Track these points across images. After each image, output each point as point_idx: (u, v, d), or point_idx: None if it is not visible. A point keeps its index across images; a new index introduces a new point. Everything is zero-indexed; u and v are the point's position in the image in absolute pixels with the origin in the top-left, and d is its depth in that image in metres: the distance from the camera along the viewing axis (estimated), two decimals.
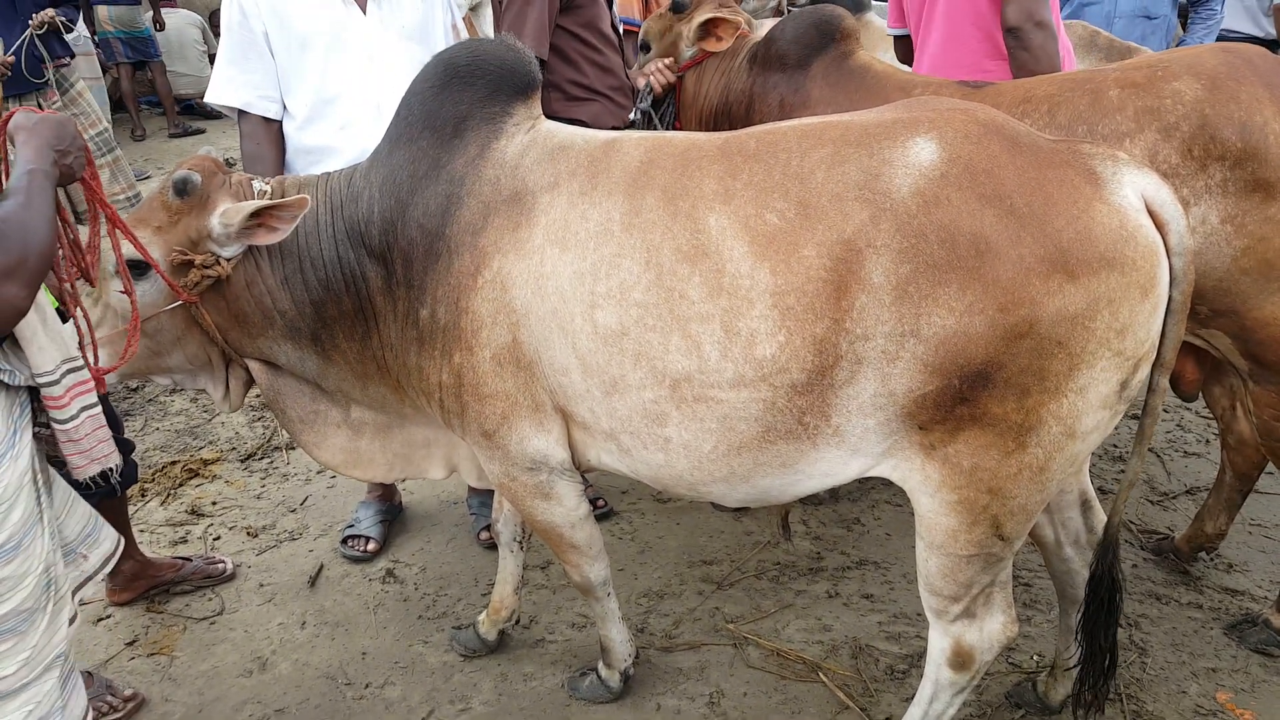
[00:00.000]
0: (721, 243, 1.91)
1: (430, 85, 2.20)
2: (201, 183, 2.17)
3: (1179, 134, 2.36)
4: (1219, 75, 2.37)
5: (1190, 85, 2.38)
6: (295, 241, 2.24)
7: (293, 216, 2.14)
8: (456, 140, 2.17)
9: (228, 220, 2.14)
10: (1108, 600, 2.18)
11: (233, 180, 2.25)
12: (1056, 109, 2.50)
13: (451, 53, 2.25)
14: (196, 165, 2.22)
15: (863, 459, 1.99)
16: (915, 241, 1.78)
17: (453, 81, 2.18)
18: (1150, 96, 2.41)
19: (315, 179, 2.33)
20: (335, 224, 2.24)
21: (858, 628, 2.94)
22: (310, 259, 2.24)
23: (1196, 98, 2.36)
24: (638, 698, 2.70)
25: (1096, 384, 1.81)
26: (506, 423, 2.18)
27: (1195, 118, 2.35)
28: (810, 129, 2.00)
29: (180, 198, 2.17)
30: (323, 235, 2.24)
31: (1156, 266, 1.80)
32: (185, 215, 2.18)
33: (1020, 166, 1.81)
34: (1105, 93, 2.46)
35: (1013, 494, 1.90)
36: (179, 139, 10.36)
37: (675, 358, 1.95)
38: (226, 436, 4.32)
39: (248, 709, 2.75)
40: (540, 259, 2.06)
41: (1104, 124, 2.43)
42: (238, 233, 2.15)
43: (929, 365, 1.81)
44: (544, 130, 2.22)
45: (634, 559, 3.32)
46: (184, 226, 2.18)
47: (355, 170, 2.30)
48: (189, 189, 2.16)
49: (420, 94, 2.21)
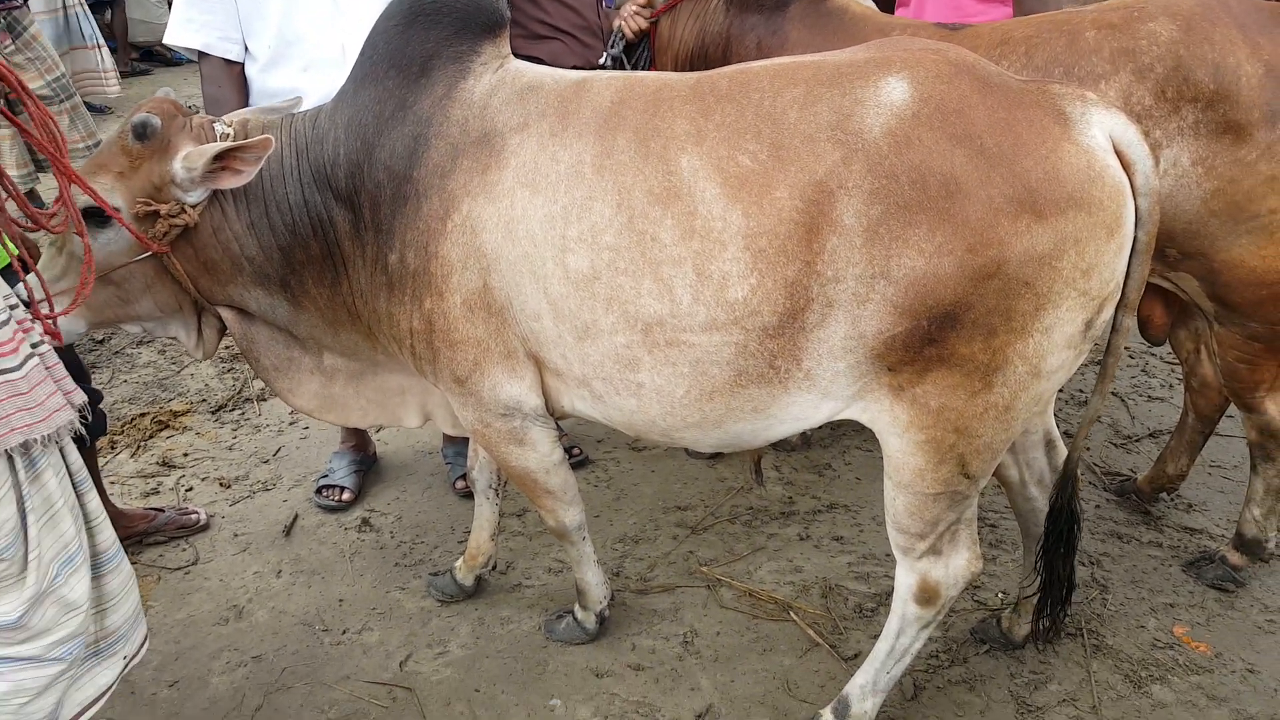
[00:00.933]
0: (694, 184, 1.91)
1: (395, 23, 2.15)
2: (162, 126, 2.11)
3: (1153, 75, 2.38)
4: (1194, 17, 2.39)
5: (1165, 26, 2.39)
6: (260, 185, 2.19)
7: (256, 158, 2.08)
8: (423, 80, 2.13)
9: (190, 164, 2.08)
10: (1066, 532, 2.24)
11: (193, 123, 2.19)
12: (1034, 50, 2.51)
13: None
14: (155, 108, 2.16)
15: (833, 402, 2.01)
16: (886, 182, 1.79)
17: (418, 19, 2.13)
18: (1126, 38, 2.42)
19: (279, 120, 2.28)
20: (300, 167, 2.20)
21: (828, 568, 3.00)
22: (276, 203, 2.20)
23: (1171, 39, 2.38)
24: (613, 638, 2.75)
25: (1062, 324, 1.84)
26: (479, 369, 2.18)
27: (1170, 59, 2.37)
28: (782, 69, 1.99)
29: (140, 142, 2.10)
30: (288, 178, 2.20)
31: (1122, 207, 1.82)
32: (146, 160, 2.12)
33: (990, 106, 1.82)
34: (1082, 34, 2.47)
35: (979, 433, 1.94)
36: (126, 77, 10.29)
37: (647, 301, 1.96)
38: (196, 388, 4.29)
39: (224, 656, 2.76)
40: (510, 202, 2.04)
41: (1080, 65, 2.44)
42: (201, 176, 2.10)
43: (898, 307, 1.82)
44: (512, 70, 2.18)
45: (609, 505, 3.36)
46: (146, 171, 2.12)
47: (320, 111, 2.25)
48: (149, 132, 2.09)
49: (385, 32, 2.16)
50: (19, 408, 1.78)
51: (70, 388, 1.94)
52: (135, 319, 2.33)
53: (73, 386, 1.94)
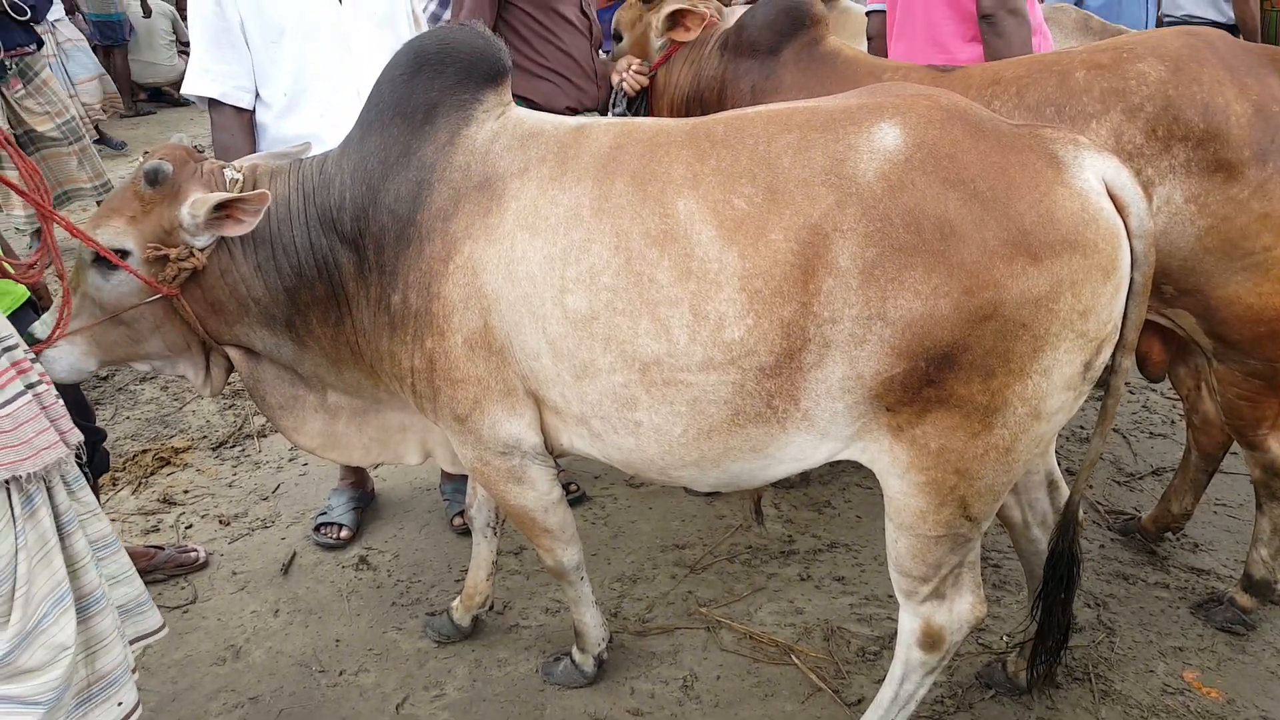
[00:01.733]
0: (690, 227, 1.91)
1: (401, 72, 2.19)
2: (173, 172, 2.15)
3: (1143, 115, 2.38)
4: (1182, 57, 2.40)
5: (1154, 67, 2.41)
6: (267, 229, 2.22)
7: (256, 210, 2.11)
8: (427, 127, 2.16)
9: (195, 211, 2.12)
10: (1065, 576, 2.21)
11: (204, 169, 2.22)
12: (1025, 91, 2.52)
13: (421, 40, 2.24)
14: (168, 154, 2.20)
15: (832, 442, 1.99)
16: (881, 225, 1.79)
17: (423, 69, 2.17)
18: (1115, 78, 2.43)
19: (287, 165, 2.31)
20: (307, 210, 2.22)
21: (829, 610, 2.95)
22: (283, 246, 2.22)
23: (1160, 79, 2.39)
24: (612, 682, 2.70)
25: (1060, 365, 1.82)
26: (479, 407, 2.17)
27: (1159, 99, 2.37)
28: (777, 114, 2.00)
29: (152, 187, 2.14)
30: (295, 222, 2.22)
31: (1118, 249, 1.82)
32: (157, 205, 2.16)
33: (983, 151, 1.82)
34: (1072, 74, 2.48)
35: (980, 475, 1.92)
36: (129, 118, 10.66)
37: (645, 341, 1.95)
38: (198, 425, 4.28)
39: (221, 697, 2.73)
40: (510, 244, 2.05)
41: (1071, 105, 2.45)
42: (205, 223, 2.13)
43: (896, 348, 1.81)
44: (514, 116, 2.21)
45: (607, 544, 3.32)
46: (156, 216, 2.16)
47: (327, 156, 2.28)
48: (160, 178, 2.13)
49: (391, 81, 2.20)
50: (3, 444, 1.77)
51: (66, 427, 1.93)
52: (144, 358, 2.35)
53: (69, 426, 1.94)
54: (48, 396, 1.91)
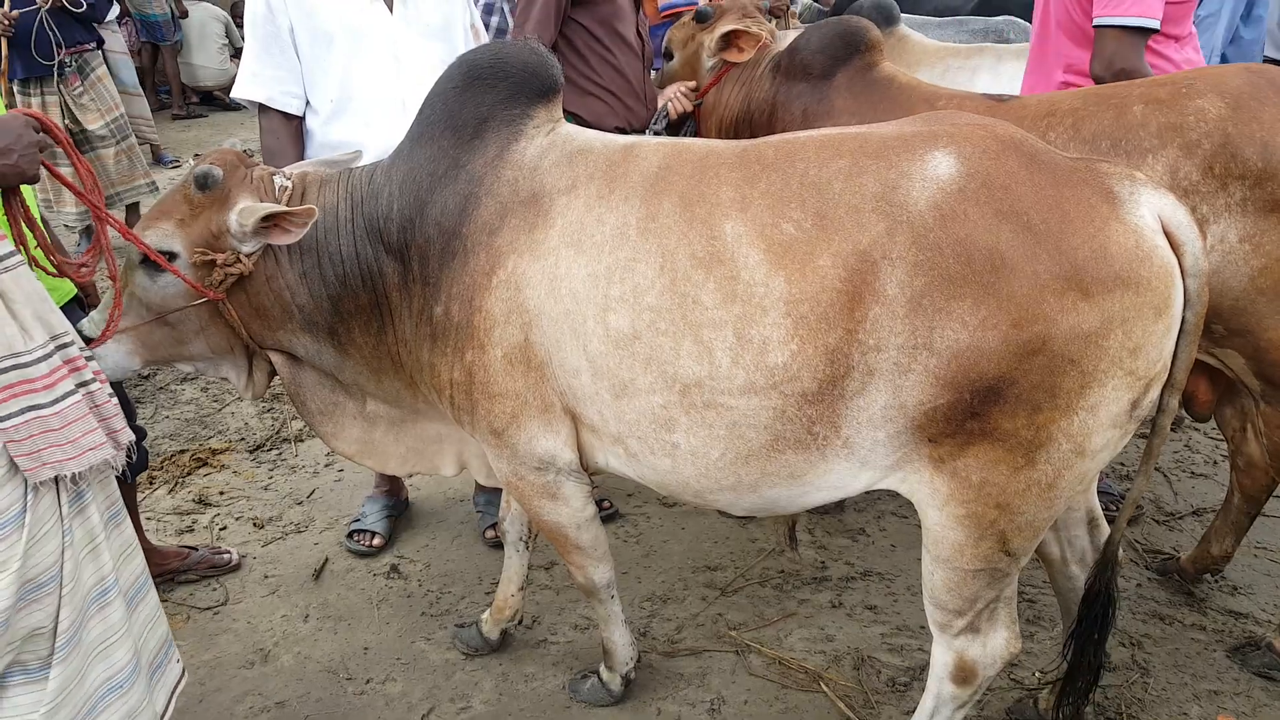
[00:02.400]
0: (737, 250, 1.91)
1: (453, 85, 2.21)
2: (223, 177, 2.18)
3: (1200, 151, 2.35)
4: (1242, 94, 2.37)
5: (1214, 103, 2.38)
6: (314, 237, 2.24)
7: (304, 223, 2.14)
8: (477, 141, 2.17)
9: (243, 220, 2.15)
10: (1100, 617, 2.17)
11: (254, 175, 2.25)
12: (1081, 123, 2.49)
13: (474, 54, 2.26)
14: (219, 159, 2.23)
15: (871, 471, 1.98)
16: (931, 255, 1.77)
17: (475, 83, 2.19)
18: (1173, 113, 2.40)
19: (336, 175, 2.33)
20: (354, 220, 2.24)
21: (860, 638, 2.93)
22: (329, 254, 2.25)
23: (1219, 116, 2.36)
24: (638, 702, 2.69)
25: (1107, 403, 1.80)
26: (515, 422, 2.18)
27: (1217, 135, 2.34)
28: (828, 139, 2.00)
29: (202, 192, 2.18)
30: (341, 231, 2.25)
31: (1171, 287, 1.79)
32: (207, 209, 2.19)
33: (1038, 183, 1.80)
34: (1130, 108, 2.46)
35: (1021, 510, 1.89)
36: (182, 120, 10.83)
37: (686, 363, 1.95)
38: (236, 427, 4.32)
39: (248, 700, 2.74)
40: (555, 260, 2.06)
41: (1128, 139, 2.43)
42: (253, 232, 2.16)
43: (941, 379, 1.80)
44: (564, 133, 2.22)
45: (638, 562, 3.31)
46: (205, 220, 2.19)
47: (376, 167, 2.30)
48: (210, 183, 2.16)
49: (443, 94, 2.22)
50: (51, 443, 1.80)
51: (119, 426, 1.97)
52: (188, 359, 2.39)
53: (121, 425, 1.97)
54: (101, 394, 1.94)
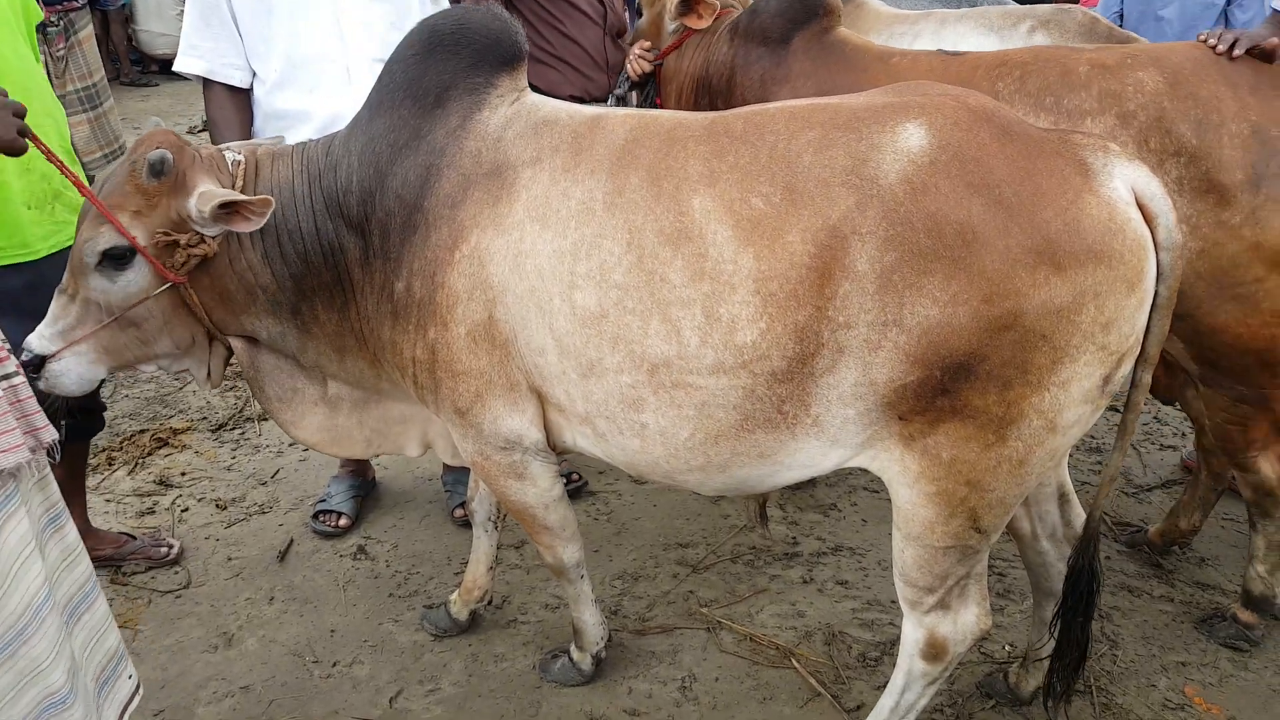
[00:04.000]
0: (705, 226, 1.88)
1: (414, 52, 2.14)
2: (174, 161, 2.07)
3: (1136, 122, 2.35)
4: (1182, 70, 2.36)
5: (1152, 76, 2.37)
6: (274, 215, 2.16)
7: (263, 212, 2.04)
8: (438, 110, 2.11)
9: (203, 205, 2.05)
10: (1085, 594, 2.17)
11: (203, 154, 2.16)
12: (1027, 76, 2.49)
13: (437, 19, 2.19)
14: (164, 142, 2.11)
15: (842, 450, 1.97)
16: (901, 229, 1.75)
17: (437, 49, 2.12)
18: (1115, 80, 2.39)
19: (290, 148, 2.26)
20: (313, 195, 2.18)
21: (831, 614, 2.93)
22: (289, 231, 2.18)
23: (1156, 89, 2.35)
24: (609, 681, 2.68)
25: (1079, 378, 1.80)
26: (480, 401, 2.15)
27: (1153, 108, 2.34)
28: (798, 111, 1.97)
29: (157, 179, 2.05)
30: (300, 207, 2.18)
31: (1144, 261, 1.78)
32: (163, 196, 2.07)
33: (1010, 155, 1.78)
34: (1075, 68, 2.45)
35: (991, 487, 1.89)
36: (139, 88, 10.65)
37: (654, 342, 1.92)
38: (198, 406, 4.25)
39: (212, 685, 2.71)
40: (520, 235, 2.02)
41: (1070, 98, 2.42)
42: (212, 219, 2.06)
43: (911, 355, 1.78)
44: (529, 103, 2.17)
45: (609, 540, 3.30)
46: (164, 208, 2.08)
47: (334, 139, 2.24)
48: (165, 169, 2.04)
49: (403, 60, 2.15)
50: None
51: (40, 424, 1.88)
52: (152, 358, 2.28)
53: (43, 423, 1.89)
54: (23, 390, 1.87)
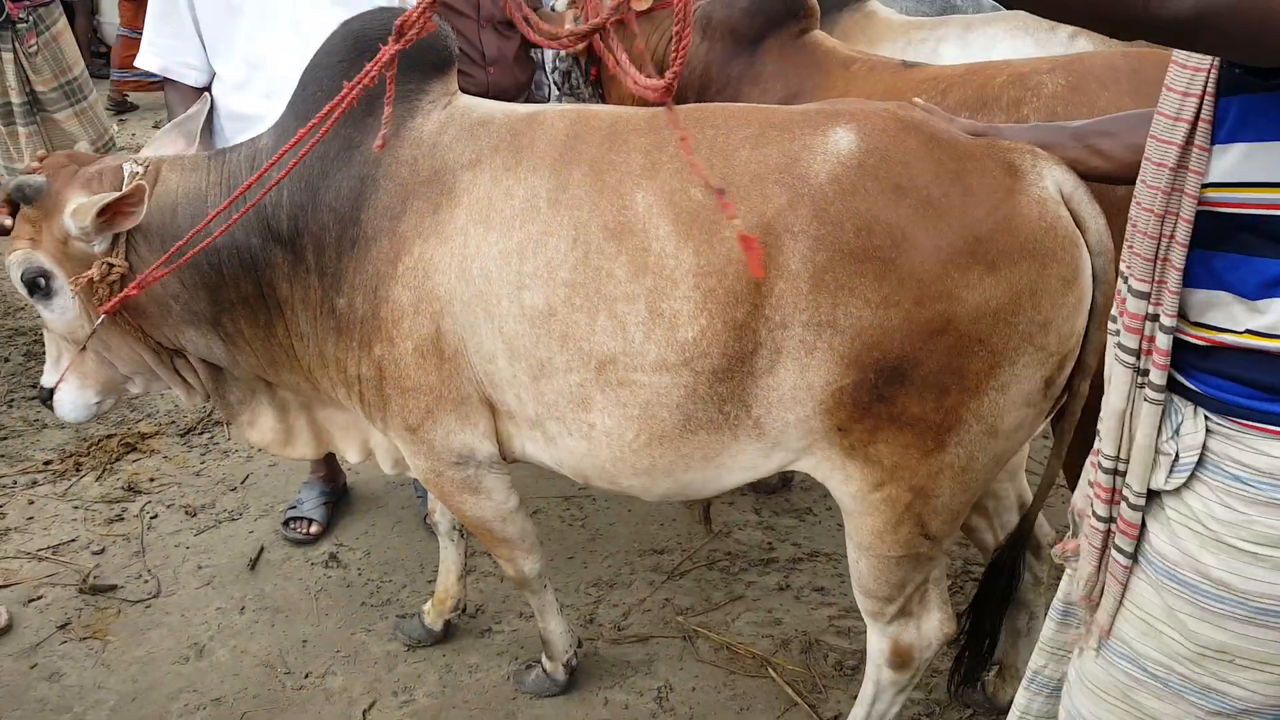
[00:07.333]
0: (648, 220, 1.91)
1: (338, 59, 2.12)
2: (46, 183, 2.14)
3: None
4: (1088, 76, 2.31)
5: (1055, 80, 2.33)
6: (179, 224, 2.17)
7: (137, 202, 2.10)
8: (370, 119, 2.07)
9: (79, 219, 2.11)
10: (1004, 590, 2.24)
11: (89, 171, 2.20)
12: (950, 90, 2.48)
13: (360, 23, 2.17)
14: (46, 165, 2.21)
15: (783, 452, 2.01)
16: (831, 229, 1.80)
17: (363, 56, 2.00)
18: (1020, 88, 2.37)
19: (207, 158, 2.28)
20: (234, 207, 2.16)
21: (808, 621, 2.97)
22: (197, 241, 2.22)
23: (1053, 94, 2.31)
24: (585, 692, 2.73)
25: (1019, 380, 1.83)
26: (431, 417, 2.17)
27: (1045, 112, 2.31)
28: (736, 109, 2.04)
29: (30, 204, 2.14)
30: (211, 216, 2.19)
31: (1078, 258, 1.82)
32: (44, 220, 2.15)
33: (938, 158, 1.82)
34: (994, 80, 2.43)
35: (936, 493, 1.93)
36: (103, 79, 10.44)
37: (601, 339, 1.95)
38: (165, 409, 4.26)
39: (183, 698, 2.73)
40: (464, 240, 2.03)
41: (984, 111, 2.40)
42: (95, 227, 2.11)
43: (845, 357, 1.82)
44: (462, 105, 2.17)
45: (584, 547, 3.33)
46: (48, 232, 2.15)
47: (257, 148, 2.24)
48: (30, 194, 2.13)
49: (328, 68, 2.13)
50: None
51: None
52: (130, 380, 2.41)
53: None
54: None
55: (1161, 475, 1.29)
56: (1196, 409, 1.27)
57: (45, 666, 2.83)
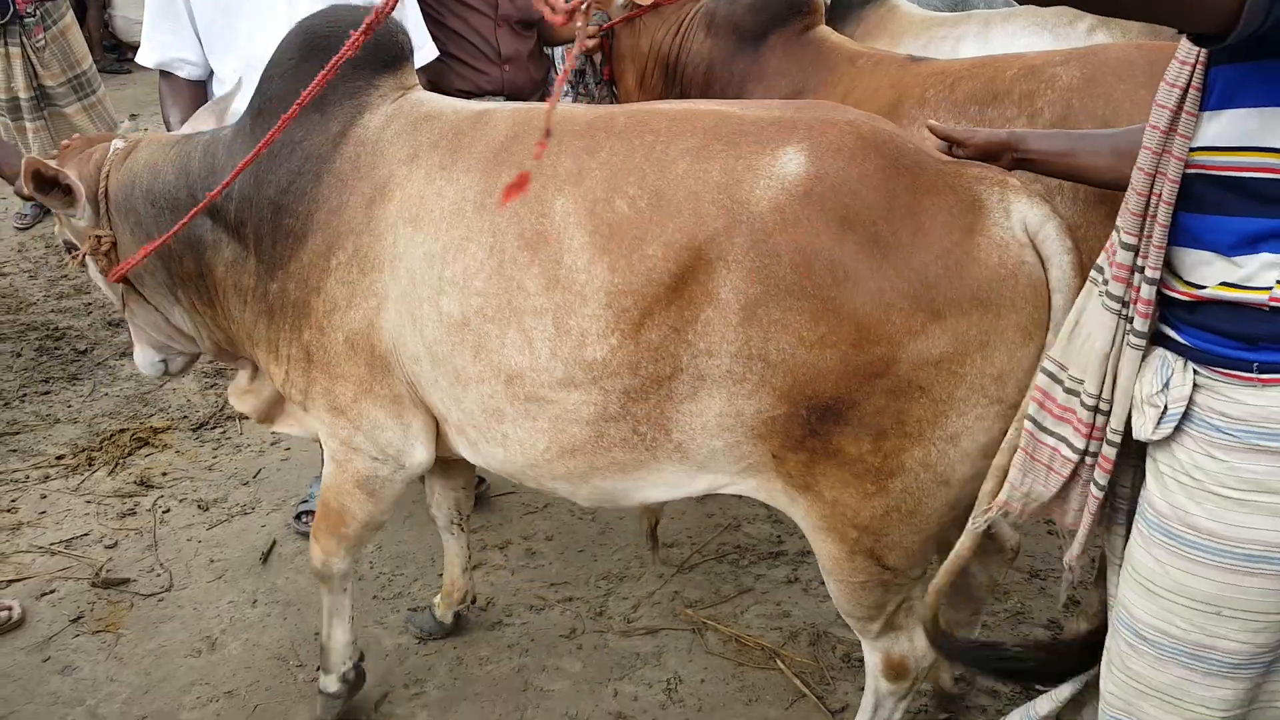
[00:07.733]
0: (564, 230, 1.84)
1: (290, 59, 2.14)
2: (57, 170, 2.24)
3: (1041, 120, 2.29)
4: (1104, 69, 2.29)
5: (1069, 72, 2.31)
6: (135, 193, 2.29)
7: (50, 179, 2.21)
8: (317, 115, 2.10)
9: None
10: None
11: (88, 151, 2.35)
12: (958, 84, 2.46)
13: (312, 22, 2.18)
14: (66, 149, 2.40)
15: (713, 475, 1.94)
16: (769, 261, 1.71)
17: (315, 54, 2.06)
18: (1033, 80, 2.35)
19: (177, 138, 2.39)
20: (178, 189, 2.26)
21: (816, 614, 2.98)
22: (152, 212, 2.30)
23: (1068, 85, 2.29)
24: (595, 683, 2.74)
25: (971, 432, 1.73)
26: (357, 404, 2.15)
27: (1060, 105, 2.28)
28: (684, 113, 1.92)
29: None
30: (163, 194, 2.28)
31: (1041, 309, 1.71)
32: None
33: (893, 190, 1.71)
34: (1004, 74, 2.40)
35: (884, 532, 1.84)
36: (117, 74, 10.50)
37: (510, 353, 1.91)
38: (178, 404, 4.28)
39: (195, 690, 2.75)
40: (393, 238, 2.02)
41: (994, 106, 2.38)
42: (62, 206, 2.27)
43: (778, 390, 1.75)
44: (412, 99, 2.16)
45: (594, 540, 3.34)
46: None
47: (217, 141, 2.27)
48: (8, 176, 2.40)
49: (281, 66, 2.15)
50: None
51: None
52: (169, 339, 2.54)
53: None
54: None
55: (1150, 425, 1.38)
56: (1186, 363, 1.37)
57: (58, 660, 2.86)
